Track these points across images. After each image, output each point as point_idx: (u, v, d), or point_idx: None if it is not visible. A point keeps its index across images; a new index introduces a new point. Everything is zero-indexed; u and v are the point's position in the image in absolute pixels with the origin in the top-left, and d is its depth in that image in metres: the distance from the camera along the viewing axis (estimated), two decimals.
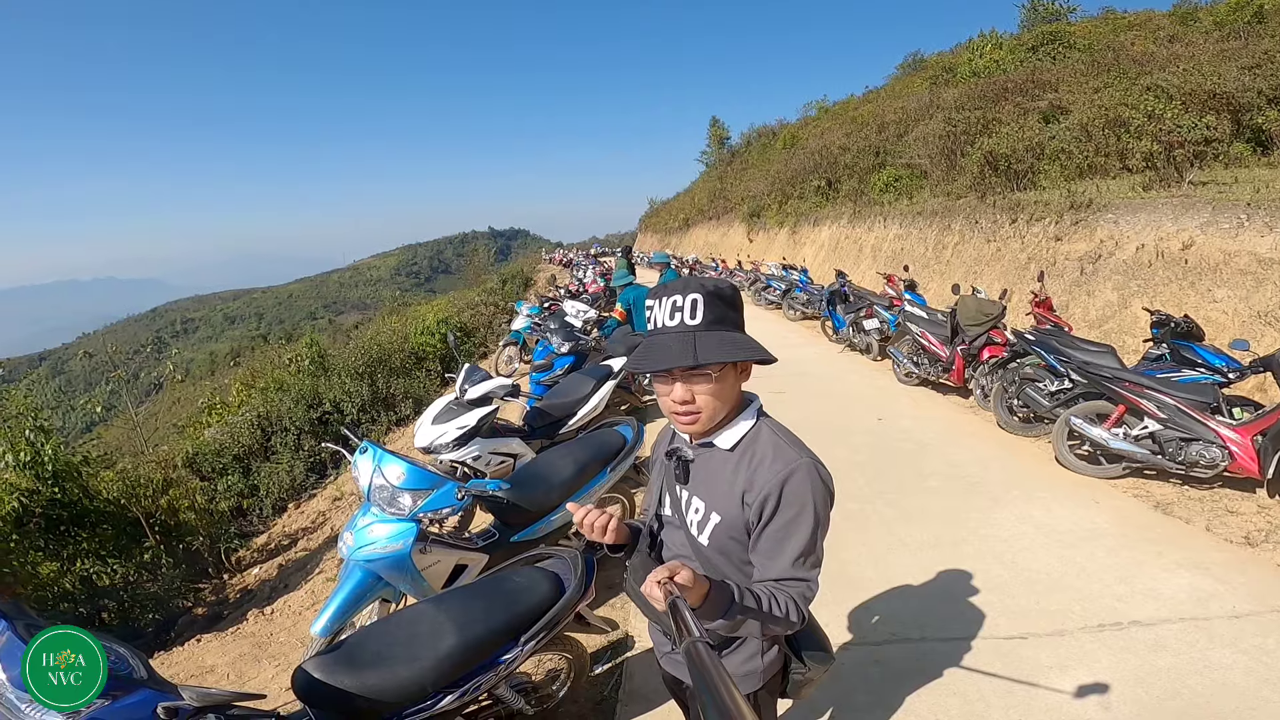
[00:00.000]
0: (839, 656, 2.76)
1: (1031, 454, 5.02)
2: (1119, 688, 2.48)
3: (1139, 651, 2.69)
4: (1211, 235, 6.13)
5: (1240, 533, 3.67)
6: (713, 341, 1.14)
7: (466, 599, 1.94)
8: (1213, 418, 4.00)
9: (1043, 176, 10.50)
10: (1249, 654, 2.63)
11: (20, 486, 5.01)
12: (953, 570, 3.42)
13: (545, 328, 6.01)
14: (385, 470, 2.44)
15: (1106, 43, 17.26)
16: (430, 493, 2.44)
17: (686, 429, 1.24)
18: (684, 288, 1.17)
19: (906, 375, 7.12)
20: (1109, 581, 3.22)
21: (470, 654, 1.84)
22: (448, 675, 1.82)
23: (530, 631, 1.90)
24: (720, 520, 1.25)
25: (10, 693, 1.38)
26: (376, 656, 1.78)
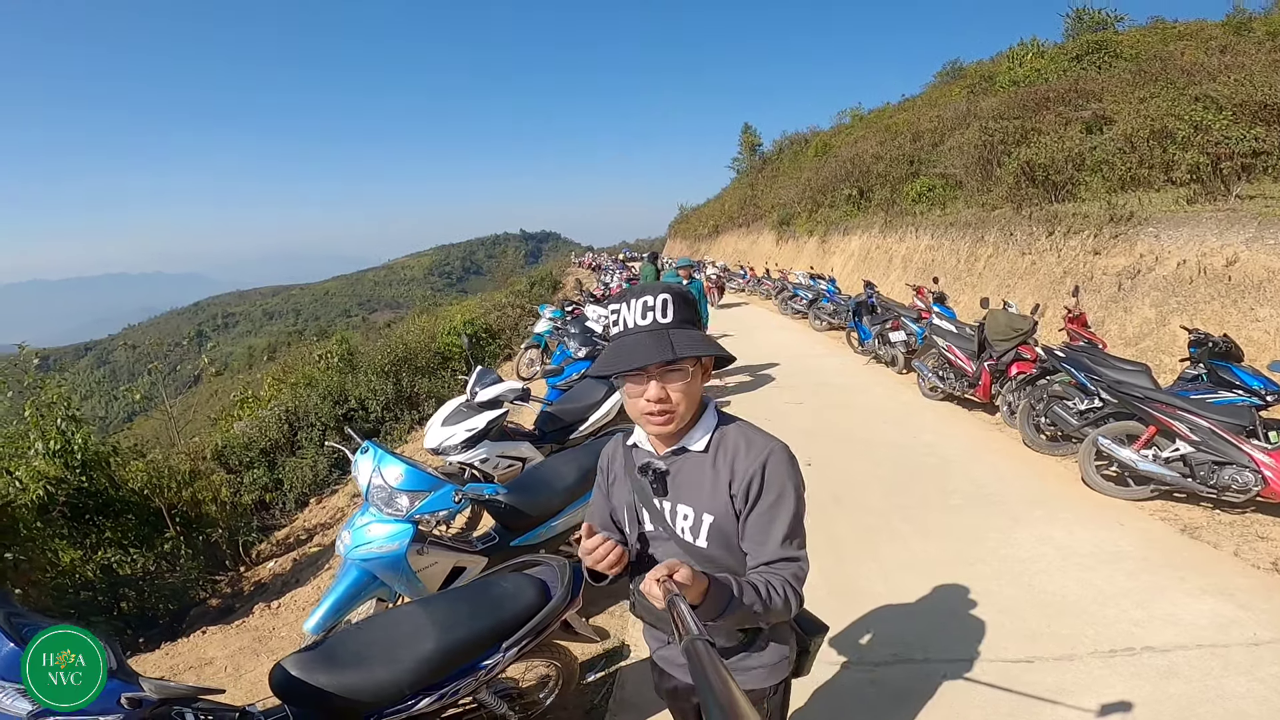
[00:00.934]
0: (839, 674, 2.70)
1: (1057, 474, 4.85)
2: (1125, 714, 2.38)
3: (1150, 678, 2.59)
4: (1257, 251, 5.87)
5: (1269, 558, 3.51)
6: (685, 338, 1.17)
7: (451, 602, 1.94)
8: (1247, 441, 3.82)
9: (1083, 188, 10.20)
10: (1265, 683, 2.52)
11: (48, 474, 5.16)
12: (965, 590, 3.32)
13: (565, 331, 6.02)
14: (384, 471, 2.46)
15: (1155, 52, 16.72)
16: (428, 494, 2.45)
17: (661, 429, 1.23)
18: (653, 289, 1.20)
19: (931, 390, 6.96)
20: (1126, 606, 3.10)
21: (450, 657, 1.83)
22: (426, 678, 1.81)
23: (513, 638, 1.88)
24: (714, 519, 1.26)
25: None
26: (356, 656, 1.79)
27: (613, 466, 1.43)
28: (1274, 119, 9.07)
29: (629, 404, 1.24)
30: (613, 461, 1.43)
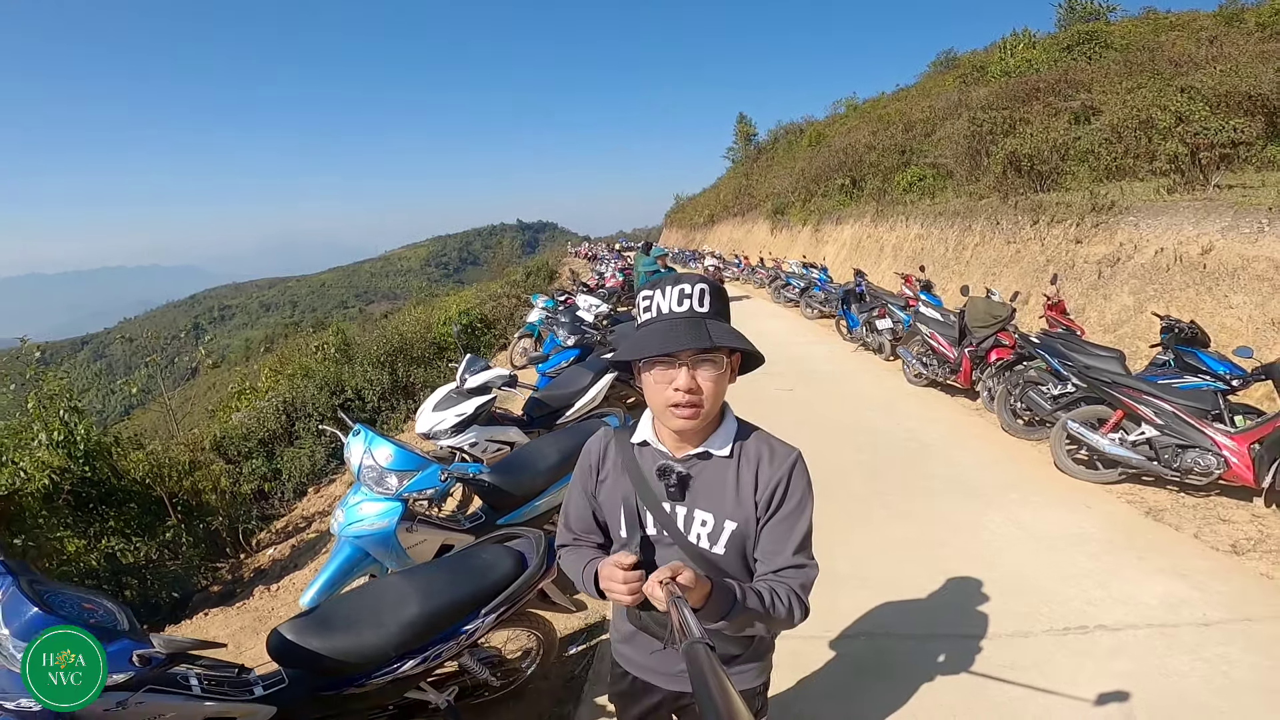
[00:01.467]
0: (803, 646, 2.83)
1: (1031, 458, 5.01)
2: (1069, 690, 2.51)
3: (1098, 656, 2.72)
4: (1232, 240, 6.01)
5: (1229, 541, 3.64)
6: (722, 329, 1.14)
7: (433, 572, 2.08)
8: (1210, 424, 3.97)
9: (1070, 178, 10.31)
10: (1209, 663, 2.64)
11: (52, 464, 5.26)
12: (931, 571, 3.45)
13: (555, 320, 6.15)
14: (375, 452, 2.60)
15: (1145, 43, 16.78)
16: (415, 474, 2.59)
17: (687, 423, 1.17)
18: (690, 278, 1.17)
19: (915, 376, 7.11)
20: (1084, 586, 3.24)
21: (433, 621, 1.96)
22: (410, 642, 1.95)
23: (492, 604, 2.02)
24: (736, 527, 1.23)
25: (9, 644, 1.53)
26: (346, 621, 1.92)
27: (604, 464, 1.35)
28: (1255, 109, 9.20)
29: (652, 394, 1.18)
30: (604, 458, 1.35)
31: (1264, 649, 2.71)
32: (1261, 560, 3.45)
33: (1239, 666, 2.61)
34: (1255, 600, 3.08)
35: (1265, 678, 2.54)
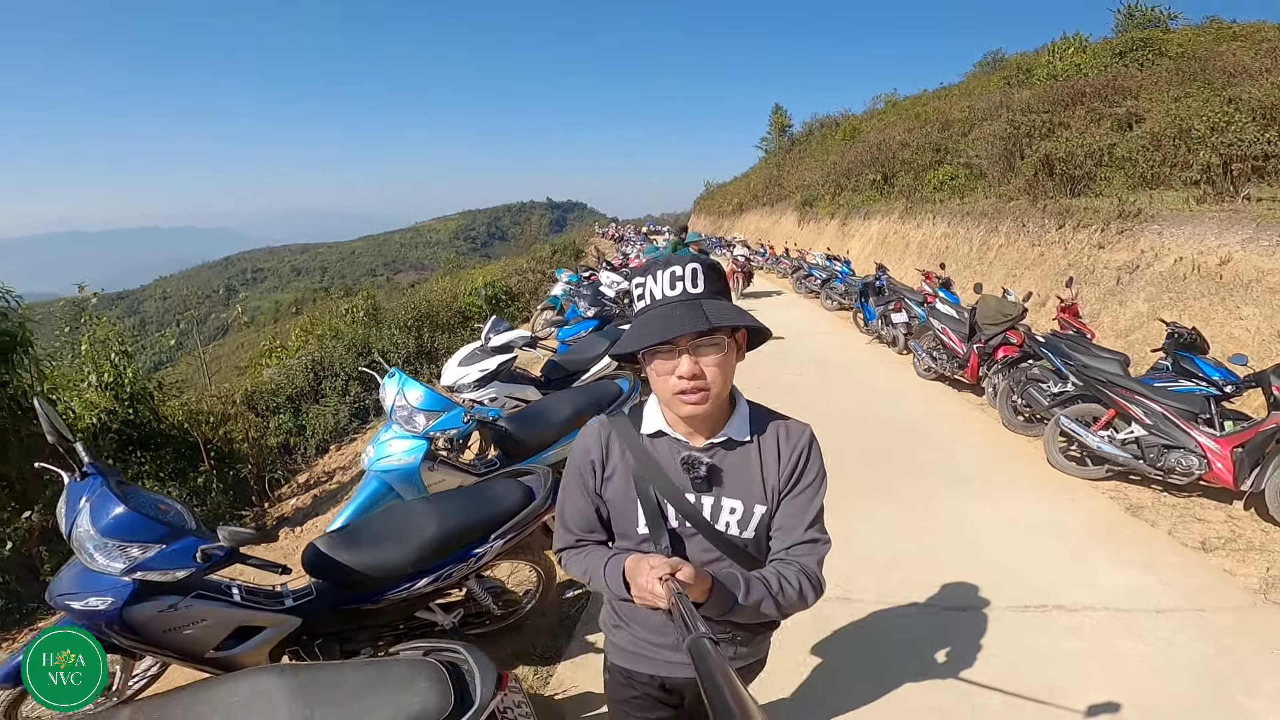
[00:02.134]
0: None
1: (1027, 454, 5.16)
2: (1019, 661, 2.72)
3: (1053, 633, 2.92)
4: (1250, 252, 6.04)
5: (1200, 538, 3.79)
6: (719, 309, 1.10)
7: (450, 498, 2.36)
8: (1196, 427, 4.11)
9: (1105, 184, 10.25)
10: (1154, 646, 2.82)
11: (100, 405, 5.60)
12: (914, 547, 3.69)
13: (578, 293, 6.42)
14: (407, 393, 2.89)
15: (1203, 52, 16.37)
16: (441, 414, 2.88)
17: (696, 409, 1.15)
18: (681, 259, 1.13)
19: (926, 370, 7.26)
20: (1052, 571, 3.43)
21: (448, 542, 2.24)
22: (427, 559, 2.22)
23: (500, 530, 2.29)
24: (764, 510, 1.23)
25: (92, 541, 1.80)
26: (372, 537, 2.21)
27: (608, 459, 1.28)
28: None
29: (657, 384, 1.16)
30: (607, 453, 1.28)
31: (1210, 638, 2.88)
32: (1227, 558, 3.60)
33: (1182, 652, 2.78)
34: (1212, 594, 3.24)
35: (1204, 664, 2.71)
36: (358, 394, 11.50)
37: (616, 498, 1.27)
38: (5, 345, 4.02)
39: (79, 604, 1.74)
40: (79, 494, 1.80)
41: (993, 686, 2.53)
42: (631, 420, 1.28)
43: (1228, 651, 2.79)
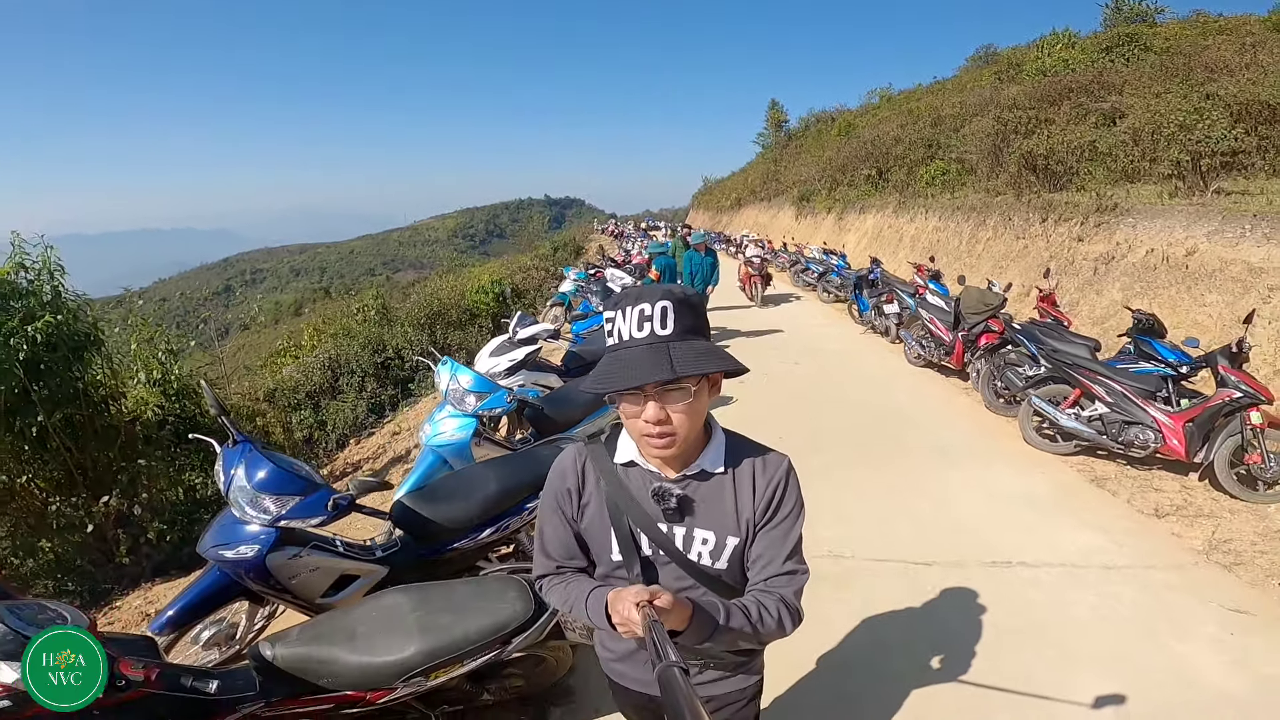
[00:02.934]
0: None
1: (1006, 433, 5.61)
2: (983, 607, 3.15)
3: (1014, 585, 3.34)
4: (1215, 244, 6.49)
5: (1154, 506, 4.22)
6: (688, 352, 1.06)
7: (506, 462, 2.82)
8: (1153, 404, 4.57)
9: (1088, 178, 10.69)
10: (1101, 598, 3.21)
11: (149, 401, 5.99)
12: (895, 511, 4.15)
13: (588, 289, 6.89)
14: (459, 377, 3.36)
15: (1187, 47, 16.74)
16: (489, 395, 3.35)
17: (662, 453, 1.14)
18: (651, 295, 1.08)
19: (915, 358, 7.72)
20: (1018, 533, 3.86)
21: (506, 498, 2.70)
22: (490, 512, 2.69)
23: (536, 493, 2.75)
24: (738, 541, 1.22)
25: (246, 496, 2.22)
26: (446, 495, 2.67)
27: (584, 486, 1.28)
28: (1275, 119, 9.50)
29: (626, 424, 1.16)
30: (583, 480, 1.28)
31: (1151, 592, 3.28)
32: (1177, 523, 4.02)
33: (1125, 604, 3.18)
34: (1159, 554, 3.65)
35: (1143, 613, 3.11)
36: (374, 390, 11.98)
37: (592, 525, 1.27)
38: (80, 344, 4.46)
39: (230, 553, 2.17)
40: (232, 458, 2.24)
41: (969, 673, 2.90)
42: (606, 448, 1.27)
43: (1166, 604, 3.17)
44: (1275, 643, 2.88)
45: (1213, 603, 3.18)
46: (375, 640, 1.84)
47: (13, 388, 4.04)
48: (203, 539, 2.26)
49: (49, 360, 4.24)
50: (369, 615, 1.91)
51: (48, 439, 4.36)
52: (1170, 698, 2.55)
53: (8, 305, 4.15)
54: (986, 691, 2.58)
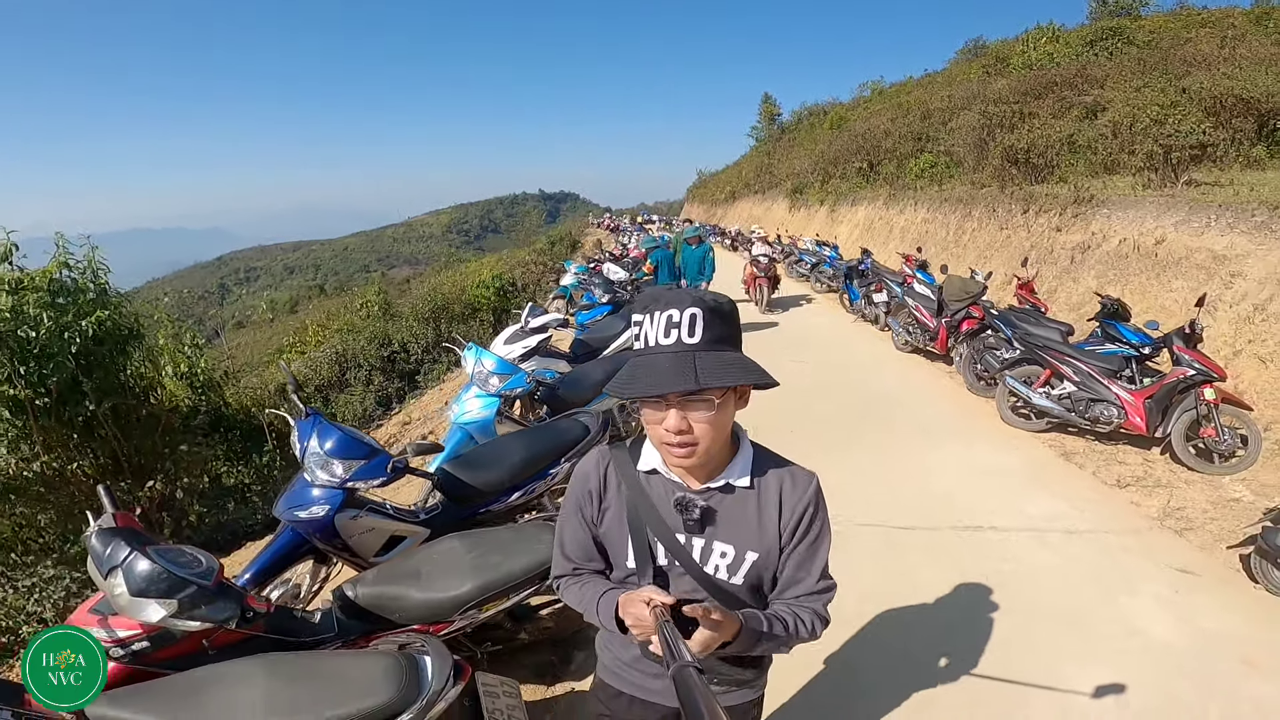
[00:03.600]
0: None
1: (985, 413, 5.99)
2: (953, 567, 3.50)
3: (984, 547, 3.70)
4: (1182, 233, 6.89)
5: (1116, 477, 4.60)
6: (714, 363, 1.04)
7: (531, 433, 3.19)
8: (1116, 383, 4.97)
9: (1069, 169, 11.07)
10: (1063, 558, 3.57)
11: (179, 395, 6.32)
12: (875, 483, 4.51)
13: (590, 282, 7.27)
14: (483, 361, 3.73)
15: (1169, 40, 17.07)
16: (510, 376, 3.72)
17: (682, 463, 1.14)
18: (680, 301, 1.06)
19: (903, 344, 8.11)
20: (990, 501, 4.22)
21: (531, 465, 3.07)
22: (518, 478, 3.05)
23: (567, 455, 3.13)
24: (757, 557, 1.21)
25: (319, 460, 2.54)
26: (481, 461, 3.03)
27: (605, 492, 1.28)
28: (1247, 112, 9.89)
29: (648, 430, 1.15)
30: (605, 485, 1.28)
31: (1109, 553, 3.60)
32: (1137, 493, 4.39)
33: (1084, 564, 3.51)
34: (1117, 520, 4.00)
35: (1100, 573, 3.44)
36: (380, 383, 12.33)
37: (610, 530, 1.27)
38: (124, 337, 4.80)
39: (304, 513, 2.51)
40: (306, 429, 2.59)
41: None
42: (630, 454, 1.27)
43: (1121, 564, 3.49)
44: (1217, 601, 3.17)
45: (1163, 564, 3.50)
46: (436, 579, 2.17)
47: (65, 379, 4.38)
48: (277, 503, 2.61)
49: (96, 353, 4.58)
50: (430, 558, 2.25)
51: (95, 428, 4.71)
52: (1119, 647, 2.87)
53: (55, 301, 4.48)
54: (953, 635, 2.97)
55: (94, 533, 1.77)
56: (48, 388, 4.33)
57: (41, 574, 4.19)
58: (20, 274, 4.39)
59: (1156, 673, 2.71)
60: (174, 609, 1.70)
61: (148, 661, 1.85)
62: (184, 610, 1.72)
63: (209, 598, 1.76)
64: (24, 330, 4.16)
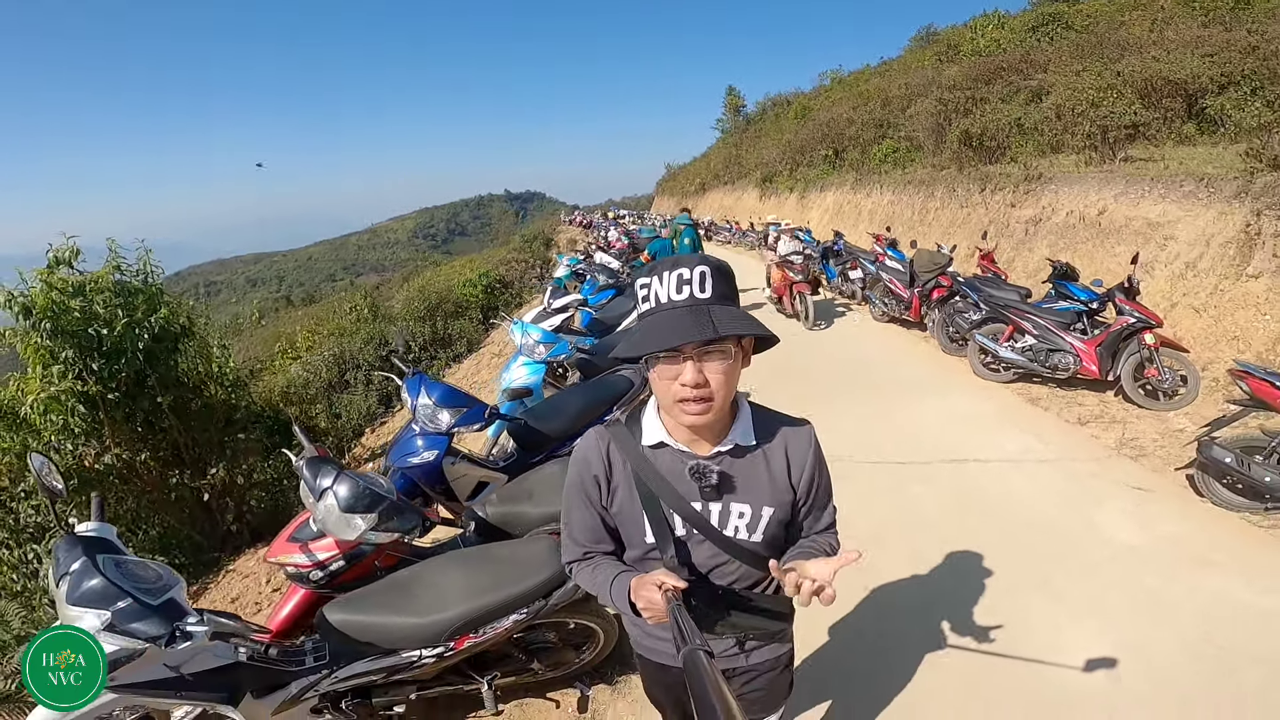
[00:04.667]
0: None
1: (959, 369, 6.69)
2: (946, 492, 4.10)
3: (969, 474, 4.33)
4: (1121, 204, 7.69)
5: (1077, 416, 5.30)
6: (727, 315, 1.08)
7: (585, 387, 3.74)
8: (1070, 334, 5.68)
9: (1019, 150, 11.90)
10: (1035, 480, 4.20)
11: (219, 393, 6.60)
12: (870, 426, 5.16)
13: (592, 268, 7.86)
14: (529, 334, 4.26)
15: (1105, 24, 18.04)
16: (554, 345, 4.25)
17: (698, 419, 1.14)
18: (689, 261, 1.10)
19: (880, 315, 8.81)
20: (970, 439, 4.88)
21: (588, 413, 3.60)
22: (578, 425, 3.55)
23: (619, 403, 3.67)
24: (774, 512, 1.25)
25: (428, 411, 3.01)
26: (549, 413, 3.55)
27: (611, 472, 1.28)
28: (1175, 93, 10.80)
29: (660, 389, 1.16)
30: (610, 466, 1.28)
31: (1075, 478, 4.20)
32: (1095, 428, 5.08)
33: (1055, 486, 4.08)
34: (1079, 450, 4.62)
35: (1070, 493, 4.01)
36: (380, 382, 12.64)
37: (623, 509, 1.28)
38: (176, 335, 5.19)
39: (416, 459, 2.97)
40: (414, 385, 3.09)
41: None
42: (630, 431, 1.28)
43: (1087, 487, 4.06)
44: (1172, 511, 3.72)
45: (1123, 484, 4.06)
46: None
47: (131, 374, 4.78)
48: (388, 455, 3.10)
49: (155, 350, 4.97)
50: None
51: (156, 421, 5.10)
52: (1093, 550, 3.40)
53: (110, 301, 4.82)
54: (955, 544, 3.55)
55: (303, 464, 2.20)
56: (118, 383, 4.73)
57: None
58: (83, 276, 4.77)
59: (1127, 569, 3.21)
60: (374, 521, 2.08)
61: (335, 585, 2.24)
62: (382, 522, 2.10)
63: (398, 510, 2.16)
64: (94, 329, 4.54)
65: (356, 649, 2.02)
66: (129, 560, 1.83)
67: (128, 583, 1.70)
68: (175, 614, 1.69)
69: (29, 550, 4.57)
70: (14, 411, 4.53)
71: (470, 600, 2.02)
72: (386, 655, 2.03)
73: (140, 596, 1.67)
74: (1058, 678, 2.57)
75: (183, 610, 1.73)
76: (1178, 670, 2.59)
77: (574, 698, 2.56)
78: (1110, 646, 2.71)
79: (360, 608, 2.05)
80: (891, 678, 2.64)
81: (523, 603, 2.05)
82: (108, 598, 1.64)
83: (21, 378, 4.64)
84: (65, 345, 4.40)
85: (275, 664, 1.96)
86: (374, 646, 2.02)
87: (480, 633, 2.04)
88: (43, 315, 4.28)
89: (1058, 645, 2.74)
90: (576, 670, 2.55)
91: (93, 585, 1.66)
